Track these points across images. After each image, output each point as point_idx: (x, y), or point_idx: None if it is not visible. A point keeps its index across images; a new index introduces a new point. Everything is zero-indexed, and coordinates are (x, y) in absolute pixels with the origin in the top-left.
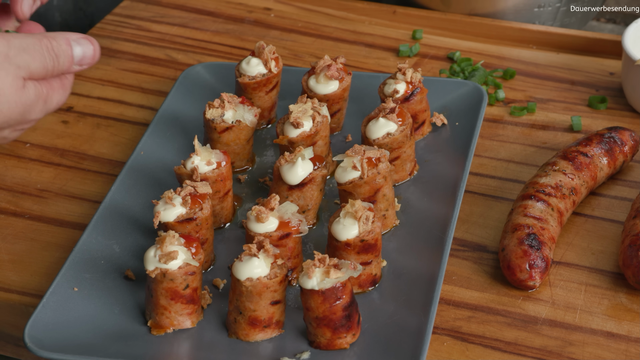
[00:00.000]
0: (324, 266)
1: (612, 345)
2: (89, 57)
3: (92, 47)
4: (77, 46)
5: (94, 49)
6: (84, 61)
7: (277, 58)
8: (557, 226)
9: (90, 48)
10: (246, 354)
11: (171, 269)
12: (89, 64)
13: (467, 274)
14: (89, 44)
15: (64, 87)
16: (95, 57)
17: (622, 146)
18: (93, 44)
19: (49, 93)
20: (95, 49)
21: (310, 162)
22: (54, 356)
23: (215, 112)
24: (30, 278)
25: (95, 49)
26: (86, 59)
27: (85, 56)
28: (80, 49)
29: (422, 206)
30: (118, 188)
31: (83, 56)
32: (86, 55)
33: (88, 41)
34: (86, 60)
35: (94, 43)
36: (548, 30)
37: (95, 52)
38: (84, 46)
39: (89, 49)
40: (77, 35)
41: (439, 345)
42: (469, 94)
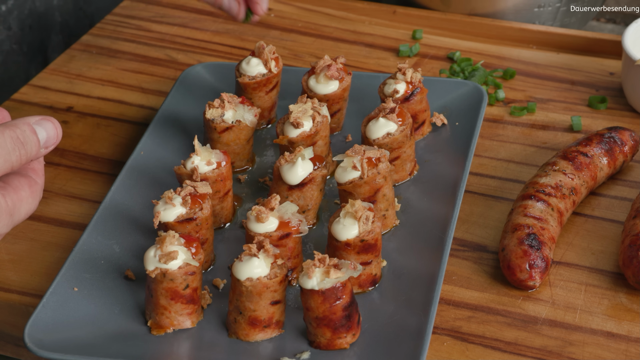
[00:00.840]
0: (324, 266)
1: (612, 345)
2: (53, 137)
3: (53, 126)
4: (39, 129)
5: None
6: (48, 143)
7: (277, 58)
8: (557, 226)
9: (52, 127)
10: (246, 354)
11: (171, 269)
12: (54, 144)
13: (467, 274)
14: (50, 123)
15: (34, 194)
16: (59, 136)
17: (622, 146)
18: (53, 122)
19: (16, 205)
20: (57, 127)
21: (310, 162)
22: (54, 356)
23: (215, 112)
24: (30, 278)
25: (56, 128)
26: (50, 140)
27: (49, 137)
28: (43, 131)
29: (422, 206)
30: (118, 188)
31: (47, 138)
32: (50, 136)
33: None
34: (50, 142)
35: (54, 122)
36: (548, 30)
37: (57, 131)
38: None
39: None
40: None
41: (439, 345)
42: (469, 94)
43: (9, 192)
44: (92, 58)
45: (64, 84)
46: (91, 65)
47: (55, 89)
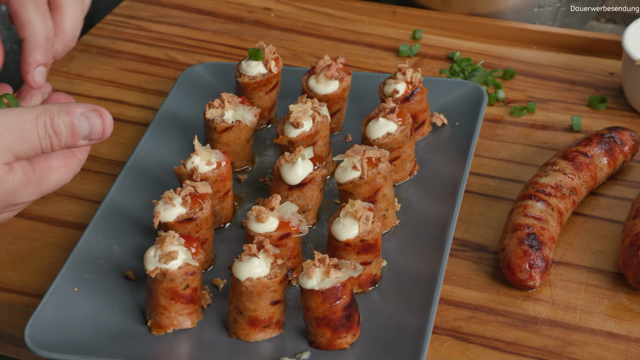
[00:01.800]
0: (324, 266)
1: (612, 345)
2: (97, 132)
3: (101, 121)
4: (83, 122)
5: (103, 122)
6: (92, 136)
7: (277, 58)
8: (557, 226)
9: (99, 122)
10: (246, 354)
11: (171, 269)
12: (100, 139)
13: (467, 274)
14: (97, 117)
15: (67, 165)
16: (106, 132)
17: (622, 146)
18: (102, 117)
19: (45, 174)
20: (105, 122)
21: (310, 162)
22: (54, 356)
23: (215, 112)
24: (30, 278)
25: (104, 123)
26: (94, 134)
27: (93, 131)
28: (86, 125)
29: (422, 206)
30: (118, 188)
31: (90, 131)
32: (94, 131)
33: (97, 114)
34: (95, 135)
35: (103, 116)
36: (548, 30)
37: (105, 127)
38: (92, 121)
39: (96, 124)
40: (85, 108)
41: (439, 345)
42: (469, 94)
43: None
44: (92, 58)
45: (64, 84)
46: (91, 65)
47: (55, 89)
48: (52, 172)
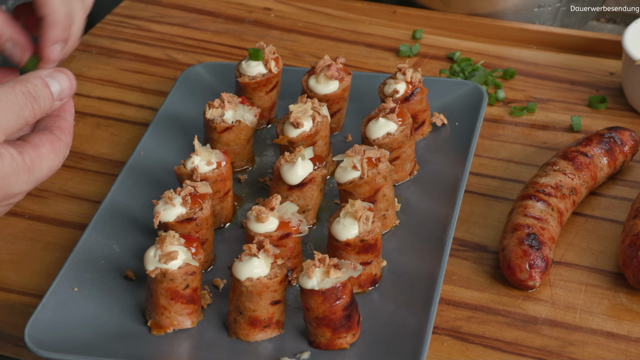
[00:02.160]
0: (324, 266)
1: (612, 345)
2: (67, 89)
3: (66, 77)
4: (52, 81)
5: (69, 78)
6: (62, 94)
7: (277, 58)
8: (557, 226)
9: (65, 79)
10: (246, 354)
11: (171, 269)
12: (68, 96)
13: (467, 274)
14: (62, 75)
15: (56, 150)
16: (73, 87)
17: (622, 146)
18: (66, 74)
19: (35, 162)
20: (70, 79)
21: (310, 162)
22: (54, 356)
23: (215, 112)
24: (30, 278)
25: (70, 79)
26: (64, 92)
27: (62, 89)
28: (56, 84)
29: (422, 206)
30: (118, 188)
31: (61, 90)
32: (63, 88)
33: (61, 73)
34: (65, 93)
35: (67, 73)
36: (548, 30)
37: (71, 82)
38: (59, 79)
39: (63, 80)
40: (48, 70)
41: (439, 345)
42: (469, 94)
43: (27, 149)
44: (92, 58)
45: None
46: (91, 65)
47: None
48: (42, 159)
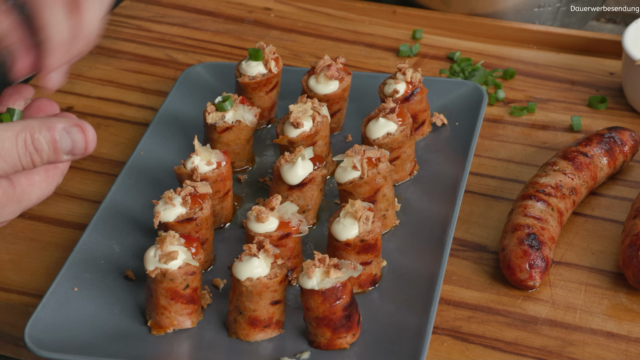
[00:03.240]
0: (324, 266)
1: (612, 345)
2: (80, 148)
3: (83, 137)
4: (65, 137)
5: (86, 138)
6: (75, 151)
7: (277, 58)
8: (557, 226)
9: (81, 137)
10: (246, 354)
11: (171, 269)
12: (82, 155)
13: (467, 274)
14: (79, 132)
15: (49, 179)
16: (88, 147)
17: (622, 146)
18: (85, 132)
19: (25, 191)
20: (88, 137)
21: (310, 162)
22: (54, 356)
23: (216, 116)
24: (30, 278)
25: (87, 138)
26: (77, 149)
27: (75, 147)
28: (68, 140)
29: (422, 206)
30: (118, 188)
31: (73, 147)
32: (77, 146)
33: (79, 129)
34: (77, 151)
35: (85, 131)
36: (548, 30)
37: (87, 142)
38: (74, 136)
39: (78, 139)
40: (67, 123)
41: (439, 345)
42: (469, 94)
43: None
44: (92, 58)
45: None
46: (91, 65)
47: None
48: (34, 188)
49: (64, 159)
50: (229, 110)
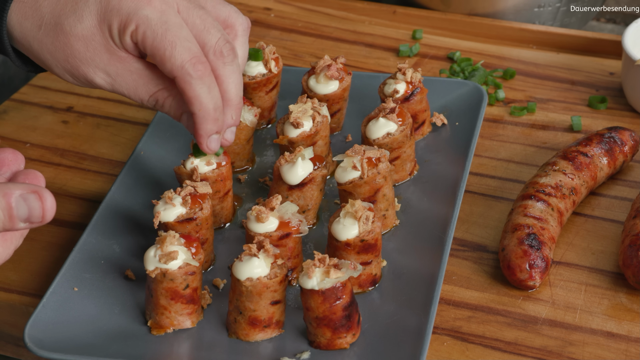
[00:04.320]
0: (324, 266)
1: (612, 345)
2: (37, 216)
3: (40, 205)
4: (21, 205)
5: (43, 206)
6: (31, 219)
7: (277, 58)
8: (557, 226)
9: (38, 205)
10: (246, 354)
11: (171, 269)
12: (40, 223)
13: (467, 274)
14: (37, 199)
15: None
16: (46, 216)
17: (622, 146)
18: (42, 199)
19: None
20: (45, 205)
21: (310, 162)
22: (54, 356)
23: None
24: (30, 278)
25: (44, 206)
26: (34, 218)
27: (32, 214)
28: (24, 209)
29: (422, 206)
30: (118, 188)
31: (29, 214)
32: (34, 214)
33: (36, 196)
34: (34, 219)
35: (44, 198)
36: (548, 30)
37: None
38: (31, 204)
39: (36, 205)
40: (25, 189)
41: (439, 345)
42: (469, 94)
43: None
44: None
45: (64, 84)
46: None
47: (55, 89)
48: None
49: (21, 226)
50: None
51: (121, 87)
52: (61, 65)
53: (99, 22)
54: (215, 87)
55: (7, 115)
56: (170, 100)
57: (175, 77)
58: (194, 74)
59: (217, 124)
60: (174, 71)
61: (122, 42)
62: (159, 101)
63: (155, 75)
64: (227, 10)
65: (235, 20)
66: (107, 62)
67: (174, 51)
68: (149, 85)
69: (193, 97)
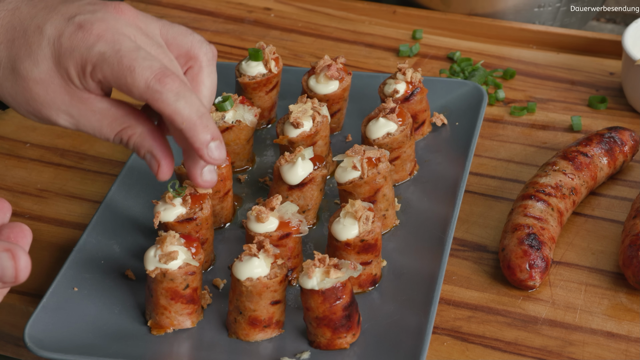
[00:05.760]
0: (324, 266)
1: (612, 345)
2: (10, 276)
3: (13, 264)
4: None
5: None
6: (3, 279)
7: (277, 58)
8: (557, 226)
9: (10, 265)
10: (246, 354)
11: (171, 269)
12: (12, 283)
13: (467, 274)
14: (9, 259)
15: None
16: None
17: (622, 146)
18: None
19: None
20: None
21: (310, 162)
22: (54, 356)
23: (216, 116)
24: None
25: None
26: (7, 277)
27: (4, 274)
28: None
29: (422, 206)
30: (118, 188)
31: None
32: (6, 274)
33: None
34: (7, 279)
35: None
36: (548, 30)
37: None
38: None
39: (8, 265)
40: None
41: (439, 345)
42: (469, 94)
43: None
44: None
45: None
46: None
47: None
48: None
49: None
50: (229, 110)
51: (85, 127)
52: (23, 107)
53: (55, 65)
54: (192, 95)
55: (7, 115)
56: (134, 137)
57: (147, 100)
58: (162, 88)
59: (210, 130)
60: (142, 96)
61: (83, 85)
62: (123, 139)
63: (120, 113)
64: (189, 42)
65: (198, 51)
66: (69, 104)
67: (135, 75)
68: (114, 125)
69: (172, 113)
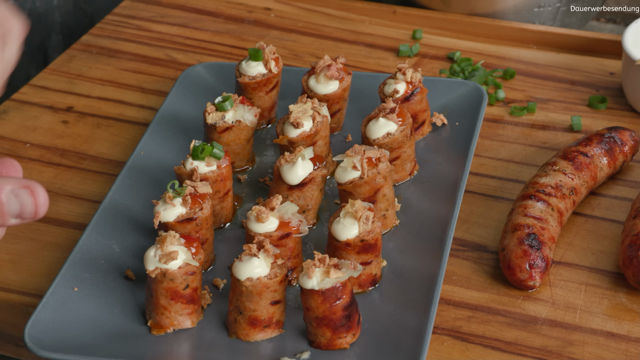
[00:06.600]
0: (324, 266)
1: (612, 345)
2: (30, 212)
3: (33, 200)
4: (12, 198)
5: (35, 202)
6: (23, 215)
7: (277, 58)
8: (557, 226)
9: (30, 201)
10: (246, 354)
11: (171, 269)
12: (32, 219)
13: (467, 274)
14: (29, 195)
15: None
16: (39, 212)
17: (622, 146)
18: (35, 195)
19: None
20: (38, 201)
21: (310, 162)
22: (54, 356)
23: (216, 116)
24: (30, 278)
25: (37, 202)
26: (26, 214)
27: (24, 210)
28: (15, 203)
29: (422, 206)
30: (118, 188)
31: (21, 210)
32: (25, 210)
33: (28, 191)
34: (26, 215)
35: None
36: (548, 30)
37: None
38: (23, 200)
39: (28, 201)
40: (16, 184)
41: (439, 345)
42: (469, 94)
43: None
44: (92, 58)
45: (64, 84)
46: (91, 65)
47: (55, 89)
48: None
49: (11, 222)
50: (229, 110)
51: None
52: None
53: None
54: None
55: (7, 115)
56: None
57: None
58: None
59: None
60: None
61: None
62: None
63: None
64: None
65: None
66: None
67: None
68: None
69: None
